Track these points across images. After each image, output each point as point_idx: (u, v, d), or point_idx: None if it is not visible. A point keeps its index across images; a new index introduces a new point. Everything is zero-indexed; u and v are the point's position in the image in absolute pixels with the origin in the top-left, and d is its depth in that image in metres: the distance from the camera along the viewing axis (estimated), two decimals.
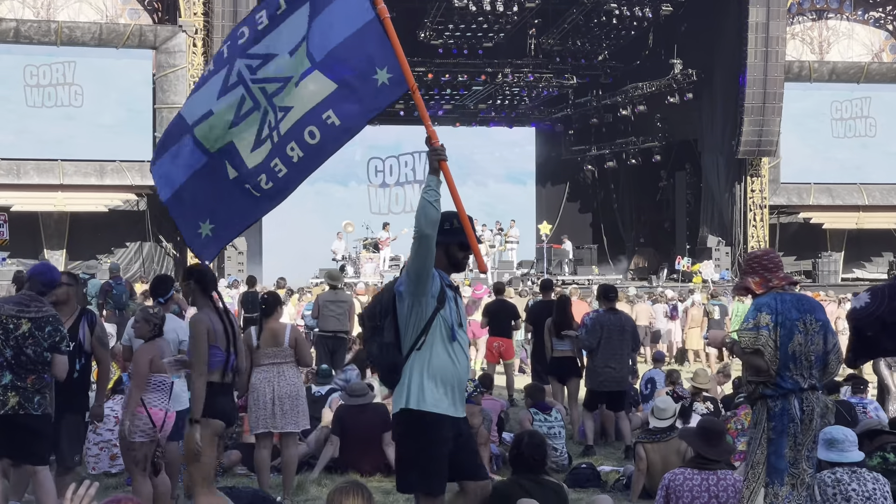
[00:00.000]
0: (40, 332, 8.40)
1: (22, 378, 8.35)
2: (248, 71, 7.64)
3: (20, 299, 8.56)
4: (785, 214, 39.71)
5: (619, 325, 13.75)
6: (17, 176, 33.02)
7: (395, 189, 46.53)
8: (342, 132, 7.67)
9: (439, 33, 38.34)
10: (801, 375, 7.21)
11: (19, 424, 8.39)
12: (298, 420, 10.62)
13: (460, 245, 6.87)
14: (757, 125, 35.32)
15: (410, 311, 6.64)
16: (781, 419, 7.23)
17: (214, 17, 32.05)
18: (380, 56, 7.66)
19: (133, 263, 35.34)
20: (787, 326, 7.24)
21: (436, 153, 6.85)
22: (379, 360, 6.94)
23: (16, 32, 32.79)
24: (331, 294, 18.44)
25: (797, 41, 39.79)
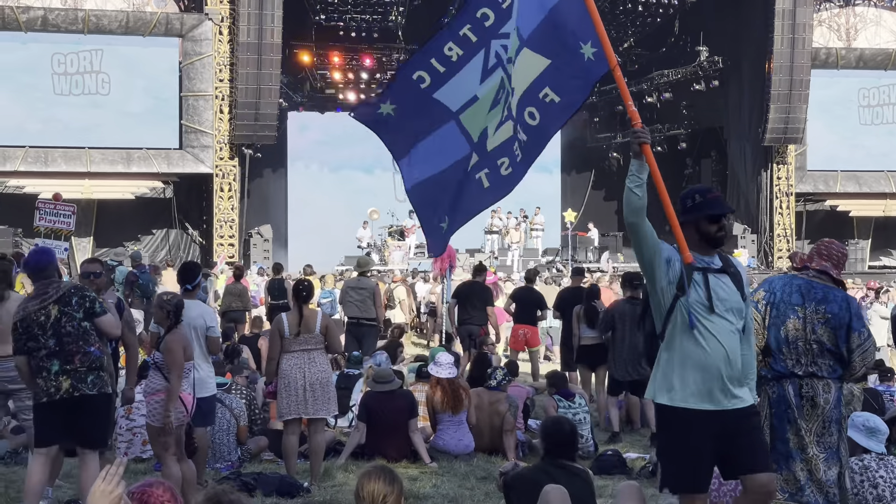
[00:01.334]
0: (69, 308, 8.52)
1: (69, 361, 8.46)
2: (504, 51, 7.29)
3: (38, 291, 8.64)
4: (811, 202, 39.56)
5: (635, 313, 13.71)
6: (44, 163, 33.19)
7: None
8: (562, 110, 7.42)
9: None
10: (797, 361, 7.20)
11: (76, 406, 8.49)
12: (329, 406, 10.67)
13: (709, 218, 6.47)
14: (783, 112, 35.19)
15: (654, 300, 6.40)
16: (779, 405, 7.27)
17: (240, 6, 32.12)
18: (581, 31, 7.12)
19: (159, 251, 35.50)
20: (782, 309, 7.26)
21: (637, 135, 6.54)
22: (645, 351, 6.81)
23: (43, 21, 32.93)
24: (354, 280, 18.50)
25: (824, 28, 39.56)
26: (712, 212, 6.44)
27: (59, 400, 8.43)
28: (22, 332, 8.48)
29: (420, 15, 38.76)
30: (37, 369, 8.48)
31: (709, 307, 6.16)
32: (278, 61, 32.72)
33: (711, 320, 6.15)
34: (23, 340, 8.49)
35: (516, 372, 15.13)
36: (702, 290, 6.21)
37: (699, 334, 6.13)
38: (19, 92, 33.39)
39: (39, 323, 8.46)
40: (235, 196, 34.03)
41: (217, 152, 33.78)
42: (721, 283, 6.27)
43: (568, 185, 47.89)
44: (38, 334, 8.45)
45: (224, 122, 33.70)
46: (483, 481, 10.59)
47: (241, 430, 11.67)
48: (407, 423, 11.80)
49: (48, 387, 8.43)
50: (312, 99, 44.10)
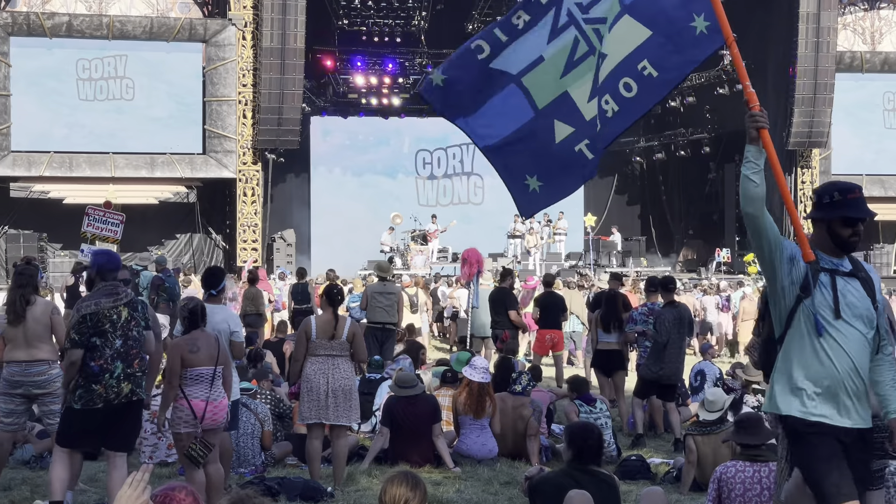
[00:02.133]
0: (136, 314, 8.77)
1: (130, 364, 8.65)
2: (579, 10, 7.01)
3: (109, 290, 8.75)
4: None
5: (678, 318, 13.67)
6: (69, 169, 33.32)
7: (442, 181, 46.51)
8: (660, 85, 7.09)
9: (487, 25, 38.24)
10: None
11: (132, 410, 8.71)
12: (351, 414, 10.68)
13: (845, 221, 5.92)
14: (808, 116, 35.09)
15: (774, 302, 5.98)
16: None
17: (263, 11, 32.21)
18: (697, 2, 6.86)
19: (183, 255, 35.63)
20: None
21: (753, 119, 6.12)
22: (760, 360, 6.52)
23: (68, 27, 33.09)
24: (379, 286, 18.52)
25: (848, 31, 39.41)
26: (850, 214, 5.91)
27: (117, 404, 8.53)
28: (91, 326, 8.54)
29: (443, 19, 38.82)
30: (99, 371, 8.51)
31: (835, 312, 5.73)
32: (301, 66, 32.80)
33: (837, 327, 5.73)
34: (88, 335, 8.54)
35: (540, 376, 15.15)
36: (828, 293, 5.79)
37: (823, 341, 5.70)
38: (44, 97, 33.53)
39: (112, 321, 8.59)
40: (258, 201, 34.12)
41: (240, 157, 33.87)
42: (850, 288, 5.84)
43: (591, 189, 47.73)
44: (109, 331, 8.54)
45: (247, 127, 33.79)
46: (507, 486, 10.59)
47: (266, 434, 11.69)
48: (430, 427, 11.80)
49: (108, 393, 8.51)
50: (335, 103, 44.15)
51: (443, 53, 39.84)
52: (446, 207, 44.88)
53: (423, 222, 38.60)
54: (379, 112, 44.95)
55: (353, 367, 10.99)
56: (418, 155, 46.31)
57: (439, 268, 34.53)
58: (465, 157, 46.45)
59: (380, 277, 19.02)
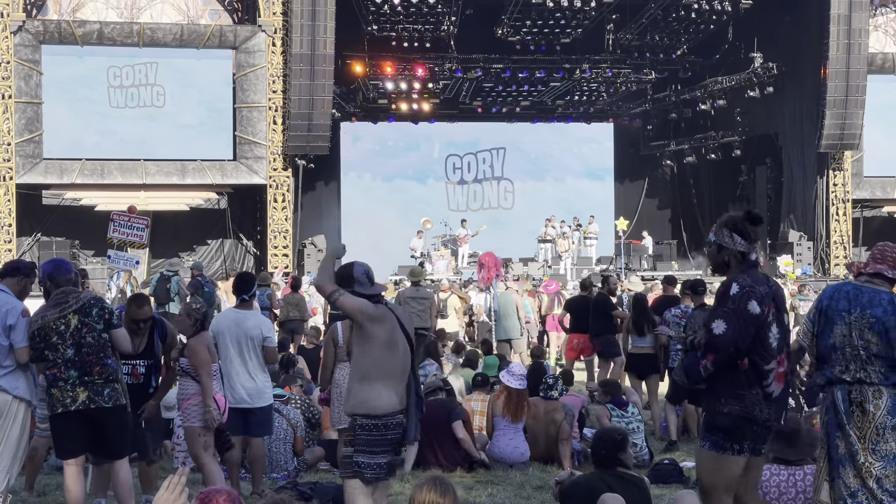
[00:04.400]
0: (89, 318, 8.63)
1: (87, 372, 8.58)
2: None
3: (57, 300, 8.73)
4: (868, 208, 39.20)
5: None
6: (101, 176, 33.49)
7: (472, 186, 46.54)
8: None
9: (517, 30, 38.28)
10: (846, 368, 7.08)
11: (92, 419, 8.60)
12: None
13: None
14: (839, 118, 34.90)
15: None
16: (829, 411, 7.18)
17: (293, 17, 32.28)
18: None
19: (214, 261, 35.76)
20: (829, 315, 7.15)
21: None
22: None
23: (99, 34, 33.26)
24: (412, 290, 18.55)
25: (880, 33, 39.18)
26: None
27: (75, 411, 8.53)
28: (39, 341, 8.57)
29: (472, 25, 38.80)
30: (53, 379, 8.59)
31: None
32: (331, 72, 32.85)
33: None
34: (40, 349, 8.58)
35: (571, 381, 15.11)
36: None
37: None
38: (76, 105, 33.72)
39: (59, 332, 8.56)
40: (289, 207, 34.19)
41: (271, 163, 33.95)
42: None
43: (621, 193, 47.72)
44: (58, 343, 8.55)
45: (277, 134, 33.87)
46: (539, 490, 10.57)
47: (298, 440, 11.73)
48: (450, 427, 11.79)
49: (64, 397, 8.55)
50: (365, 109, 44.24)
51: (472, 58, 39.91)
52: (476, 212, 44.93)
53: (453, 227, 38.64)
54: (409, 117, 45.02)
55: None
56: (448, 160, 46.37)
57: (470, 273, 34.49)
58: (496, 162, 46.51)
59: (413, 282, 19.07)
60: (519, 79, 41.44)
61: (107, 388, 8.63)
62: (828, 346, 7.14)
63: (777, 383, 6.53)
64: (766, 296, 6.47)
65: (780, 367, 6.54)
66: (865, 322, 7.05)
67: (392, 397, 7.74)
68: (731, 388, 6.47)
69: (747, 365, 6.44)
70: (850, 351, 7.08)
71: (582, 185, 47.38)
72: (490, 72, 40.63)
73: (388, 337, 7.74)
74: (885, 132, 37.88)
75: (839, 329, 7.10)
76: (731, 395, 6.45)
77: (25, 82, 32.81)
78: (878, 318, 7.07)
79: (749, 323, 6.37)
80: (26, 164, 32.83)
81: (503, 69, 40.52)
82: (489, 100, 45.19)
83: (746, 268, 6.59)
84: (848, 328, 7.08)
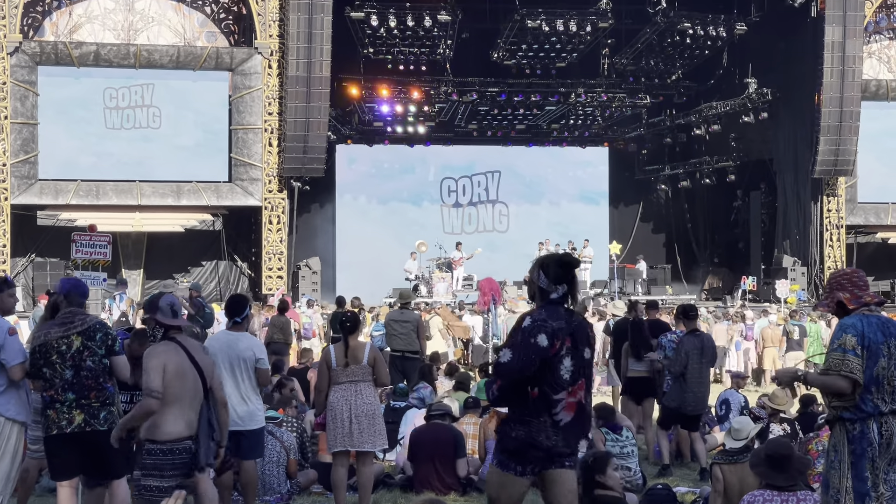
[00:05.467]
0: (93, 342, 8.61)
1: (85, 395, 8.56)
2: None
3: (63, 319, 8.71)
4: (862, 234, 39.26)
5: (699, 346, 13.62)
6: (96, 197, 33.49)
7: (467, 209, 46.57)
8: None
9: (512, 53, 38.39)
10: (883, 399, 7.08)
11: (87, 441, 8.57)
12: (375, 439, 10.67)
13: None
14: (833, 144, 34.98)
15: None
16: (861, 443, 7.12)
17: (290, 39, 32.34)
18: None
19: (209, 283, 35.71)
20: (873, 350, 7.10)
21: None
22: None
23: (96, 56, 33.31)
24: (397, 313, 18.55)
25: (874, 60, 39.31)
26: None
27: (70, 434, 8.51)
28: (39, 357, 8.57)
29: (468, 48, 38.90)
30: (50, 401, 8.57)
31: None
32: (327, 94, 32.91)
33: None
34: (38, 366, 8.57)
35: None
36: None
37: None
38: (72, 126, 33.74)
39: (60, 351, 8.55)
40: (284, 229, 34.20)
41: (266, 185, 33.98)
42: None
43: (616, 217, 47.76)
44: (57, 362, 8.53)
45: (273, 155, 33.90)
46: None
47: (291, 463, 11.71)
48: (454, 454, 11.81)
49: (60, 419, 8.53)
50: (360, 132, 44.29)
51: (468, 82, 39.98)
52: (471, 235, 44.93)
53: (448, 250, 38.62)
54: (404, 140, 45.08)
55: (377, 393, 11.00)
56: (443, 183, 46.41)
57: (464, 296, 34.48)
58: (491, 186, 46.56)
59: (402, 304, 19.06)
60: (514, 102, 41.50)
61: (103, 412, 8.63)
62: (869, 381, 7.10)
63: (567, 412, 6.78)
64: (559, 331, 6.73)
65: (571, 397, 6.79)
66: None
67: (179, 424, 8.11)
68: (521, 414, 6.80)
69: (537, 394, 6.74)
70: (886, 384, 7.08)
71: (577, 208, 47.41)
72: (486, 95, 40.71)
73: (175, 368, 8.08)
74: (878, 158, 37.99)
75: (882, 362, 7.07)
76: (520, 420, 6.80)
77: (21, 103, 32.84)
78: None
79: (534, 354, 6.67)
80: (21, 184, 32.84)
81: (499, 93, 40.59)
82: (484, 123, 45.25)
83: (546, 304, 6.88)
84: (887, 360, 7.08)
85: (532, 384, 6.74)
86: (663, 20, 35.63)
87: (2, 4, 32.18)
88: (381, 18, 34.48)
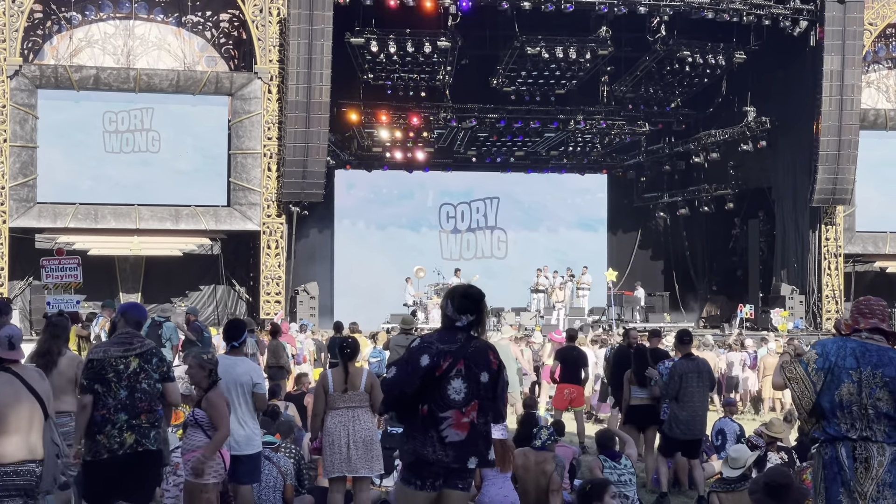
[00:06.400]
0: (149, 366, 8.69)
1: (136, 416, 8.61)
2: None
3: (122, 339, 8.79)
4: (860, 263, 39.29)
5: (695, 371, 13.62)
6: (94, 220, 33.50)
7: (466, 235, 46.61)
8: None
9: (512, 80, 38.46)
10: (852, 426, 7.08)
11: (138, 462, 8.61)
12: (372, 464, 10.65)
13: None
14: (832, 173, 35.06)
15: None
16: (831, 467, 7.15)
17: (290, 65, 32.42)
18: None
19: (207, 307, 35.66)
20: (836, 373, 7.13)
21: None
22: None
23: (96, 79, 33.38)
24: (401, 338, 18.51)
25: (872, 89, 39.45)
26: None
27: (122, 455, 8.52)
28: (94, 372, 8.57)
29: (468, 75, 38.97)
30: (101, 420, 8.56)
31: None
32: (326, 120, 32.96)
33: None
34: (91, 381, 8.59)
35: (562, 431, 15.05)
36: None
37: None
38: (71, 149, 33.77)
39: (117, 370, 8.59)
40: (282, 253, 34.20)
41: (264, 210, 34.01)
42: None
43: (614, 244, 47.80)
44: (112, 380, 8.56)
45: (272, 180, 33.94)
46: None
47: (288, 488, 11.65)
48: None
49: (111, 443, 8.52)
50: (359, 157, 44.36)
51: (467, 108, 40.04)
52: (470, 261, 44.94)
53: (446, 276, 38.62)
54: (403, 166, 45.13)
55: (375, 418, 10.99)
56: (442, 209, 46.45)
57: None
58: (489, 212, 46.59)
59: (403, 330, 19.02)
60: (513, 129, 41.56)
61: (153, 431, 8.71)
62: (832, 403, 7.11)
63: (456, 430, 6.99)
64: (445, 352, 7.03)
65: (464, 417, 7.02)
66: (877, 381, 7.07)
67: (20, 450, 8.06)
68: (411, 429, 7.14)
69: (426, 411, 7.02)
70: (857, 409, 7.07)
71: (575, 235, 47.44)
72: (485, 121, 40.75)
73: (7, 400, 8.04)
74: (877, 188, 38.07)
75: (847, 387, 7.08)
76: (410, 435, 7.13)
77: (21, 126, 32.88)
78: (892, 378, 7.10)
79: (416, 372, 6.99)
80: (20, 207, 32.86)
81: (498, 119, 40.64)
82: (483, 149, 45.31)
83: (446, 329, 7.22)
84: (857, 386, 7.07)
85: (421, 401, 7.02)
86: (663, 48, 35.72)
87: (2, 28, 32.25)
88: (381, 44, 34.55)
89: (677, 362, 13.79)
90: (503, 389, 7.41)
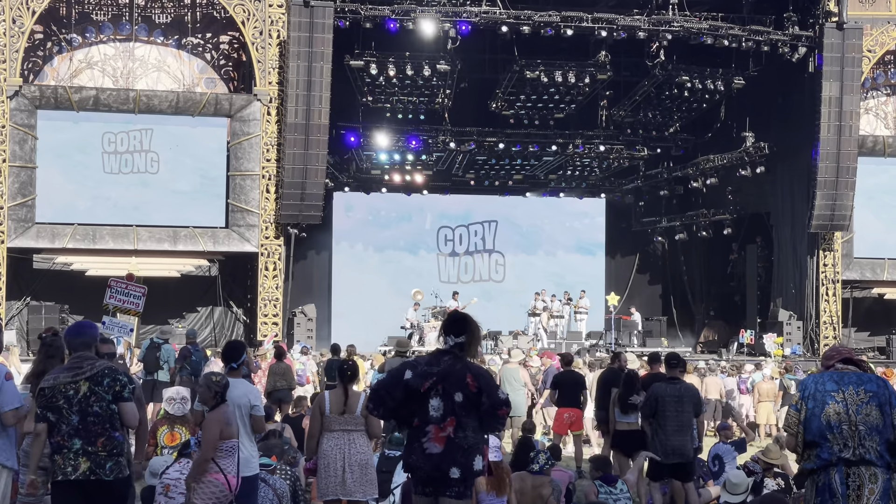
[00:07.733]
0: (100, 388, 8.51)
1: (92, 442, 8.45)
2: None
3: (72, 364, 8.63)
4: (858, 289, 39.26)
5: (676, 394, 13.49)
6: (92, 241, 33.46)
7: (464, 258, 46.61)
8: None
9: (511, 104, 38.56)
10: (845, 445, 7.11)
11: (91, 491, 8.48)
12: (367, 488, 10.63)
13: None
14: (830, 199, 35.09)
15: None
16: (823, 493, 7.17)
17: (289, 87, 32.48)
18: None
19: (204, 328, 35.60)
20: (818, 398, 7.21)
21: None
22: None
23: (95, 100, 33.40)
24: (396, 361, 18.51)
25: (871, 116, 39.50)
26: None
27: (75, 480, 8.42)
28: (46, 400, 8.47)
29: (467, 98, 39.07)
30: (56, 447, 8.48)
31: None
32: (325, 142, 33.01)
33: None
34: (44, 409, 8.47)
35: (559, 456, 15.04)
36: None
37: None
38: (70, 170, 33.75)
39: (67, 396, 8.45)
40: (280, 275, 34.17)
41: (263, 231, 33.99)
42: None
43: (612, 268, 47.81)
44: (63, 407, 8.44)
45: (270, 202, 33.93)
46: None
47: None
48: None
49: (65, 465, 8.43)
50: (358, 179, 44.43)
51: (466, 131, 40.11)
52: (467, 284, 44.93)
53: (444, 299, 38.60)
54: (401, 188, 45.19)
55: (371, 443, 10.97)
56: (440, 232, 46.47)
57: None
58: (487, 235, 46.62)
59: (398, 353, 19.05)
60: (512, 152, 41.63)
61: (109, 462, 8.48)
62: (821, 428, 7.16)
63: (434, 443, 7.74)
64: (427, 374, 7.82)
65: (442, 432, 7.74)
66: (862, 396, 7.16)
67: None
68: (407, 439, 8.09)
69: (417, 424, 7.84)
70: (847, 428, 7.12)
71: (573, 259, 47.43)
72: (483, 145, 40.80)
73: None
74: (875, 214, 38.11)
75: (832, 408, 7.15)
76: (407, 444, 8.06)
77: (20, 147, 32.88)
78: (874, 392, 7.23)
79: (398, 383, 7.87)
80: (18, 227, 32.84)
81: (496, 142, 40.68)
82: (482, 173, 45.38)
83: (438, 352, 8.04)
84: (843, 405, 7.15)
85: (414, 416, 7.84)
86: (661, 73, 35.82)
87: (2, 49, 32.30)
88: (381, 67, 34.65)
89: (656, 385, 13.73)
90: (491, 406, 7.88)
